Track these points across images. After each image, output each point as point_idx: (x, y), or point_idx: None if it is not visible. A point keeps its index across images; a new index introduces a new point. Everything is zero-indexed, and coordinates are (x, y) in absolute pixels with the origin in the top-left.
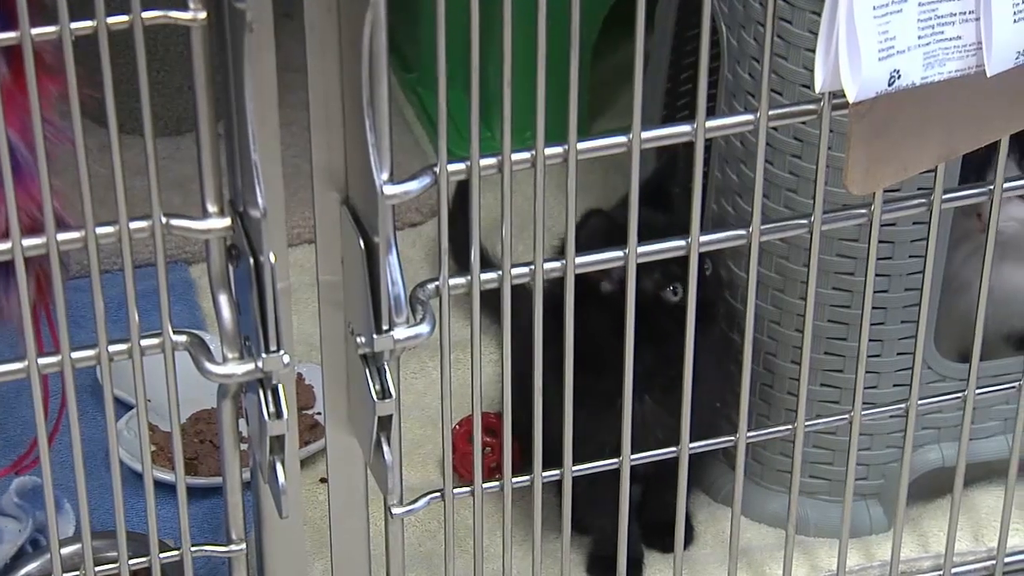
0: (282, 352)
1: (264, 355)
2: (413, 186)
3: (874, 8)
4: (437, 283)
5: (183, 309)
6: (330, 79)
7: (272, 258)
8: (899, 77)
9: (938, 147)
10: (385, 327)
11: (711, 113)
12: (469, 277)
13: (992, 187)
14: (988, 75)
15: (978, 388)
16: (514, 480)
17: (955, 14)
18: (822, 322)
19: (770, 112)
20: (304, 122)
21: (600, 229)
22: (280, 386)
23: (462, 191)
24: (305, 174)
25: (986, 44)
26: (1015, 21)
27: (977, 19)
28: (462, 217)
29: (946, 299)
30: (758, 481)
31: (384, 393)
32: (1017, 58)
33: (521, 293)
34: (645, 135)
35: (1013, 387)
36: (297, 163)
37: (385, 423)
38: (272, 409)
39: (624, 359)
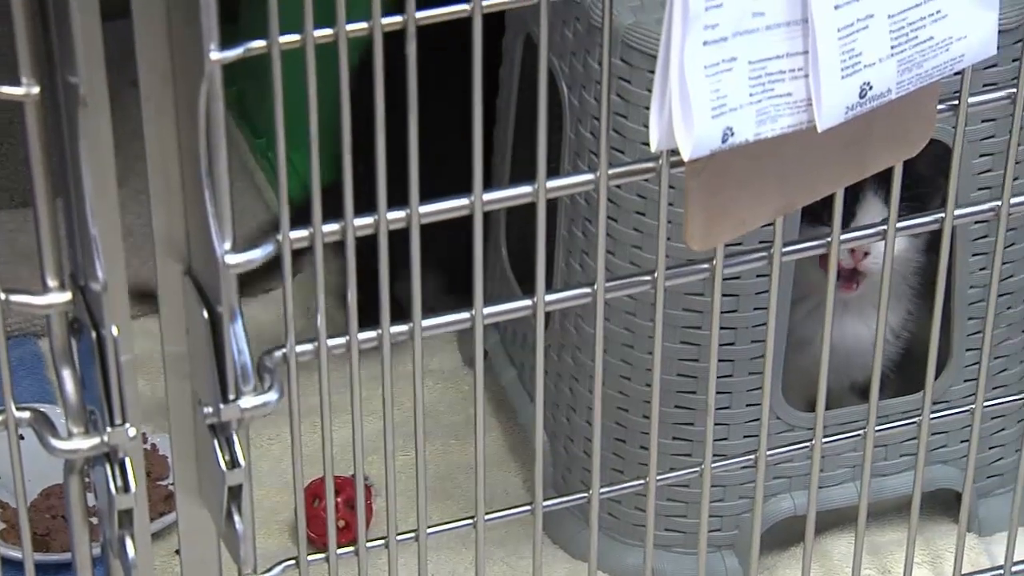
0: (127, 425)
1: (109, 429)
2: (256, 254)
3: (705, 67)
4: (284, 350)
5: (33, 383)
6: (168, 149)
7: (115, 331)
8: (732, 134)
9: (775, 201)
10: (232, 396)
11: (556, 172)
12: (316, 343)
13: (830, 239)
14: (819, 130)
15: (825, 437)
16: (368, 544)
17: (785, 71)
18: (671, 376)
19: (610, 171)
20: None
21: None
22: (127, 459)
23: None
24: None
25: (816, 100)
26: (843, 77)
27: (806, 76)
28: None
29: (792, 351)
30: (614, 535)
31: (233, 463)
32: (847, 112)
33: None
34: (487, 197)
35: (859, 435)
36: (148, 232)
37: (236, 493)
38: (119, 483)
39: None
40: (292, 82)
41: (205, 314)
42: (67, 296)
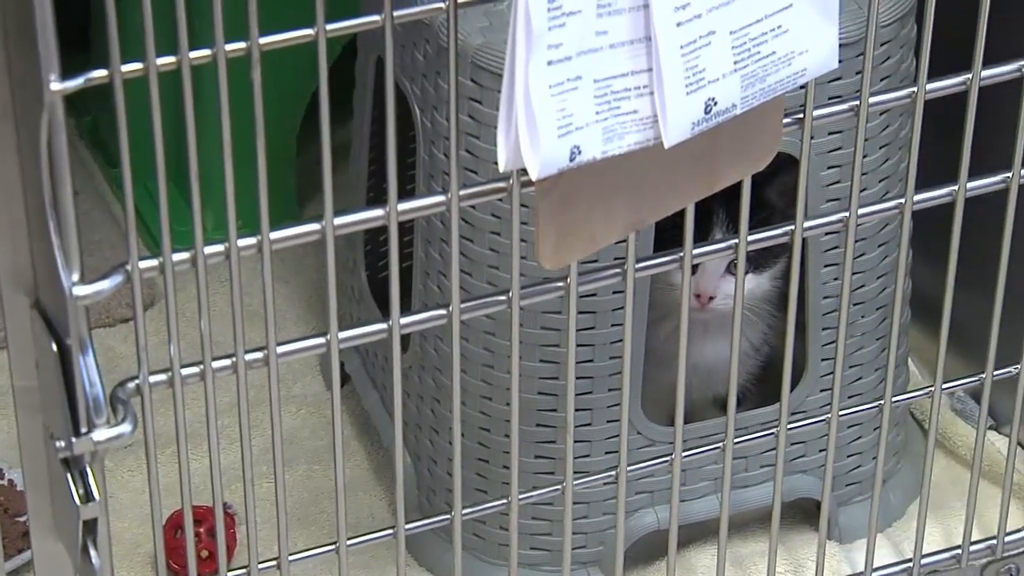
0: None
1: None
2: (105, 285)
3: (550, 87)
4: (138, 381)
5: None
6: (11, 181)
7: None
8: (580, 153)
9: (626, 217)
10: (84, 429)
11: (412, 194)
12: (170, 373)
13: (682, 255)
14: (666, 146)
15: (686, 450)
16: (230, 573)
17: (630, 89)
18: (531, 395)
19: (461, 192)
20: None
21: None
22: None
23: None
24: None
25: (662, 117)
26: (688, 93)
27: (651, 93)
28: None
29: (656, 367)
30: (479, 556)
31: (88, 497)
32: (693, 128)
33: None
34: (338, 221)
35: (718, 447)
36: None
37: (91, 527)
38: None
39: None
40: (138, 111)
41: (54, 347)
42: None
